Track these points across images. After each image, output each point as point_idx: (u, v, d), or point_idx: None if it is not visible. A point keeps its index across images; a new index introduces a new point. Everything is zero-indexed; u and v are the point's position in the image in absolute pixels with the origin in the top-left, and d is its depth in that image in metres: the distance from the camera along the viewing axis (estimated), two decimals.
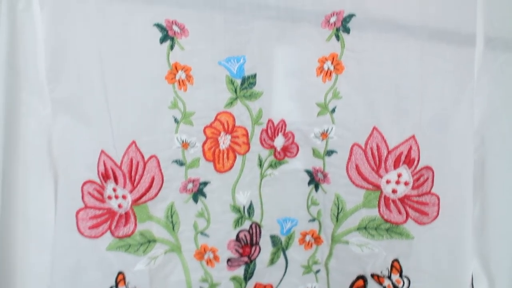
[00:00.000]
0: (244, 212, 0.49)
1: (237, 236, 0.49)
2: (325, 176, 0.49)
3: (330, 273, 0.53)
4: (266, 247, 0.51)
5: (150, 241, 0.48)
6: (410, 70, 0.44)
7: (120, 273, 0.48)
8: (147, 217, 0.47)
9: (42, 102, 0.44)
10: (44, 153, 0.45)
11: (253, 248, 0.50)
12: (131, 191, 0.46)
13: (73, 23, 0.43)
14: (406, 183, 0.47)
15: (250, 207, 0.49)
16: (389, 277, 0.50)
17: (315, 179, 0.50)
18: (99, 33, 0.43)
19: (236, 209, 0.49)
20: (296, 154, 0.49)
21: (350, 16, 0.43)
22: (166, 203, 0.48)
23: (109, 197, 0.46)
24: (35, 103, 0.44)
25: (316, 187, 0.50)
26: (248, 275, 0.51)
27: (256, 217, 0.50)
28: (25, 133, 0.44)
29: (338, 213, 0.50)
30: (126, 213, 0.46)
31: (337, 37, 0.44)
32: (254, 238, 0.50)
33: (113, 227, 0.46)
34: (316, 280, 0.54)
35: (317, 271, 0.54)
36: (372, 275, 0.51)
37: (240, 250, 0.50)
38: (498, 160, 0.45)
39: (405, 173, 0.47)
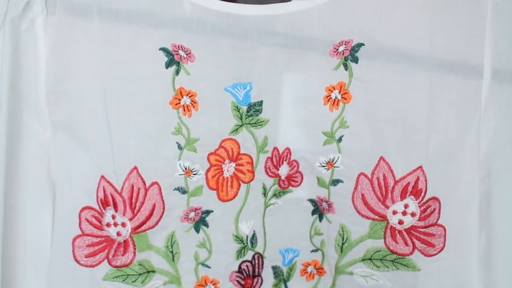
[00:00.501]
0: (247, 242, 0.49)
1: (239, 267, 0.49)
2: (330, 205, 0.49)
3: None
4: (268, 279, 0.51)
5: (149, 271, 0.47)
6: (417, 101, 0.44)
7: None
8: (147, 246, 0.46)
9: (42, 125, 0.44)
10: (43, 177, 0.44)
11: (255, 280, 0.50)
12: (131, 219, 0.45)
13: (76, 45, 0.43)
14: (413, 214, 0.47)
15: (253, 237, 0.49)
16: None
17: (319, 209, 0.50)
18: (103, 56, 0.43)
19: (239, 239, 0.48)
20: (300, 183, 0.49)
21: (359, 45, 0.44)
22: (166, 232, 0.47)
23: (108, 225, 0.46)
24: (35, 125, 0.44)
25: (320, 217, 0.50)
26: None
27: (259, 248, 0.49)
28: (25, 156, 0.44)
29: (343, 244, 0.50)
30: (125, 241, 0.46)
31: (345, 66, 0.44)
32: (257, 270, 0.49)
33: (110, 256, 0.46)
34: None
35: None
36: None
37: (242, 282, 0.49)
38: (503, 191, 0.45)
39: (412, 204, 0.47)
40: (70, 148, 0.45)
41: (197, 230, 0.48)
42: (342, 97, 0.45)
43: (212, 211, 0.48)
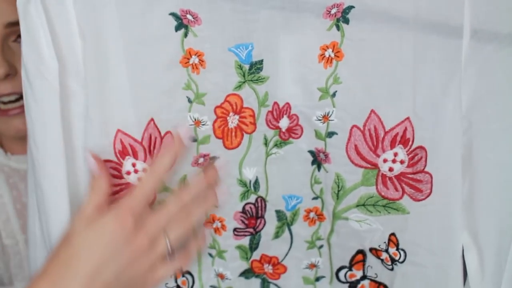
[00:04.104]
0: (250, 187, 0.64)
1: (243, 208, 0.65)
2: (326, 156, 0.63)
3: (332, 248, 0.68)
4: (271, 221, 0.67)
5: None
6: (404, 58, 0.57)
7: None
8: (163, 188, 0.62)
9: (80, 85, 0.58)
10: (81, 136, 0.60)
11: (258, 221, 0.66)
12: (150, 165, 0.61)
13: (96, 10, 0.56)
14: (401, 162, 0.61)
15: (256, 182, 0.64)
16: (387, 251, 0.65)
17: (317, 159, 0.64)
18: (120, 21, 0.56)
19: (242, 183, 0.64)
20: (300, 136, 0.63)
21: (350, 8, 0.56)
22: (179, 176, 0.63)
23: (128, 173, 0.61)
24: (75, 86, 0.58)
25: (319, 167, 0.65)
26: (253, 246, 0.67)
27: (261, 192, 0.65)
28: (69, 120, 0.59)
29: (338, 191, 0.64)
30: None
31: (337, 27, 0.57)
32: (260, 211, 0.65)
33: None
34: (320, 255, 0.69)
35: (320, 247, 0.69)
36: (371, 249, 0.66)
37: (246, 221, 0.65)
38: (484, 142, 0.58)
39: (401, 152, 0.61)
40: (86, 104, 0.59)
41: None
42: (335, 55, 0.59)
43: (219, 158, 0.63)
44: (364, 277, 0.69)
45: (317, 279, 0.71)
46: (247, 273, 0.69)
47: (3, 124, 0.81)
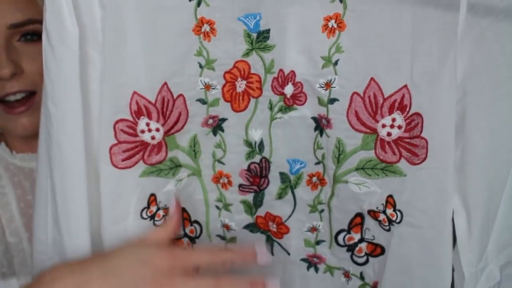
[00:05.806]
0: (255, 147, 0.73)
1: (248, 166, 0.74)
2: (328, 121, 0.71)
3: (332, 211, 0.76)
4: (274, 182, 0.75)
5: (177, 166, 0.72)
6: (402, 29, 0.63)
7: (152, 194, 0.71)
8: (175, 146, 0.71)
9: (99, 53, 0.65)
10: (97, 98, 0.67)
11: (262, 180, 0.74)
12: (163, 125, 0.69)
13: None
14: (399, 127, 0.68)
15: (261, 144, 0.73)
16: (384, 212, 0.72)
17: (320, 125, 0.71)
18: None
19: (248, 143, 0.73)
20: (304, 103, 0.71)
21: None
22: (190, 135, 0.71)
23: (142, 131, 0.69)
24: (94, 54, 0.65)
25: (321, 133, 0.72)
26: (257, 202, 0.76)
27: (265, 153, 0.73)
28: (86, 83, 0.66)
29: (339, 155, 0.72)
30: (159, 143, 0.70)
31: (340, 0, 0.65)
32: (264, 171, 0.74)
33: (145, 156, 0.69)
34: (321, 219, 0.77)
35: (321, 211, 0.76)
36: (369, 211, 0.73)
37: (251, 179, 0.74)
38: (477, 111, 0.65)
39: (399, 118, 0.67)
40: (104, 69, 0.66)
41: (215, 134, 0.72)
42: (338, 26, 0.66)
43: (227, 119, 0.71)
44: (362, 239, 0.76)
45: (317, 242, 0.79)
46: (252, 227, 0.78)
47: (10, 122, 0.87)
